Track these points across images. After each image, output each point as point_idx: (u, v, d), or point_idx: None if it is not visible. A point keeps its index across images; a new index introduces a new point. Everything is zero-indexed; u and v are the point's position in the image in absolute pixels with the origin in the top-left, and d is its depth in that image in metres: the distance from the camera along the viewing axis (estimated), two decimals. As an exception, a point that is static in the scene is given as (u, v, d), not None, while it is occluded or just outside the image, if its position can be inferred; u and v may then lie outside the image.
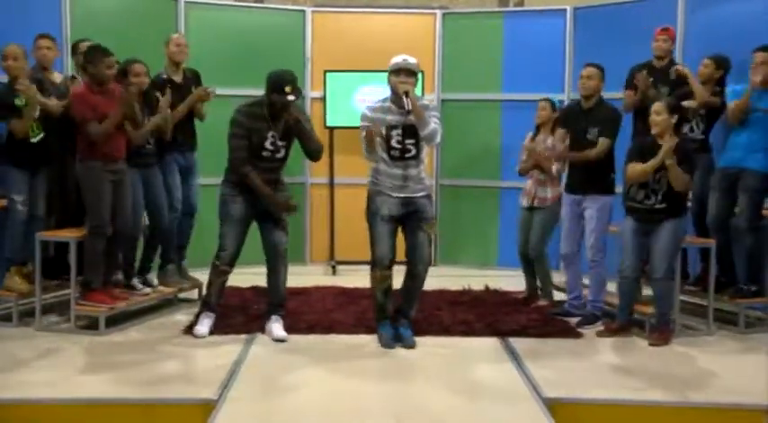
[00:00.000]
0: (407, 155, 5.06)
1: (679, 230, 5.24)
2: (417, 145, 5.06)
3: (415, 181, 5.10)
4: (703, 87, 5.86)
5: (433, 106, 5.26)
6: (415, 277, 5.17)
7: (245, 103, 5.26)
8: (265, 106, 5.16)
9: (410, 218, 5.11)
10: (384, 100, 5.14)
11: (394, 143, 5.04)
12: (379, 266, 5.08)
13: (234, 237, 5.28)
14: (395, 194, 5.08)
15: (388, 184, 5.08)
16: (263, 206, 5.27)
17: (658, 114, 5.20)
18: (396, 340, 5.11)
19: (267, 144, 5.19)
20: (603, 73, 5.74)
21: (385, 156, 5.08)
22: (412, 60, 5.04)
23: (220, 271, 5.33)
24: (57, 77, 5.93)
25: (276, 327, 5.28)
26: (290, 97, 5.05)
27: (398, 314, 5.24)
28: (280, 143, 5.22)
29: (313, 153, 5.35)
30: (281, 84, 5.06)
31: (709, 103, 5.82)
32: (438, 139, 5.08)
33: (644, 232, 5.28)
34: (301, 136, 5.25)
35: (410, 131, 5.03)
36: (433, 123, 4.99)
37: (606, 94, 5.92)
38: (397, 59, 5.05)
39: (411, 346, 5.08)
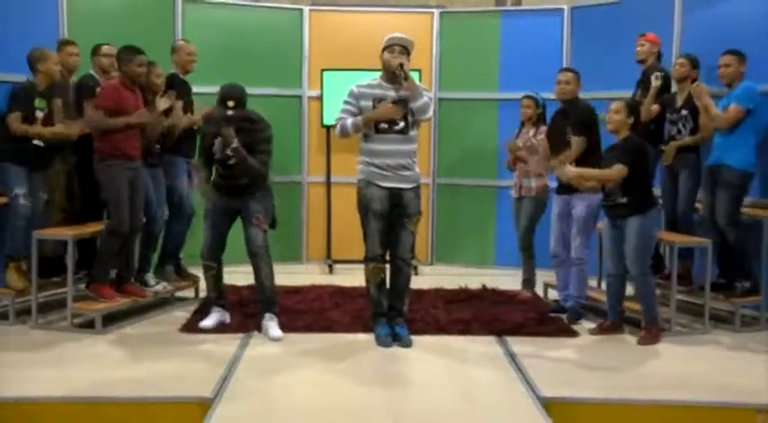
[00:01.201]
0: (396, 128, 5.04)
1: (647, 226, 5.23)
2: (406, 119, 5.06)
3: (404, 161, 5.06)
4: (680, 86, 6.02)
5: (424, 87, 5.20)
6: (398, 270, 5.19)
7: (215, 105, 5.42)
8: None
9: (395, 212, 5.12)
10: (374, 79, 5.18)
11: None
12: (373, 261, 5.13)
13: (208, 230, 5.37)
14: (384, 184, 5.06)
15: (377, 165, 5.04)
16: (238, 202, 5.31)
17: (616, 113, 5.28)
18: (393, 339, 5.12)
19: (214, 149, 5.26)
20: (579, 76, 5.83)
21: (372, 131, 5.05)
22: (406, 38, 5.10)
23: (204, 266, 5.43)
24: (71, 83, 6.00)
25: (271, 326, 5.28)
26: (229, 112, 5.13)
27: (392, 311, 5.24)
28: (227, 152, 5.20)
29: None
30: (224, 97, 5.18)
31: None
32: (430, 112, 5.12)
33: (616, 229, 5.33)
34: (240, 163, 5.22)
35: (399, 105, 5.03)
36: (426, 97, 5.04)
37: (602, 94, 5.95)
38: (391, 35, 5.10)
39: (408, 344, 5.09)
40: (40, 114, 5.61)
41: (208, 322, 5.40)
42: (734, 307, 5.67)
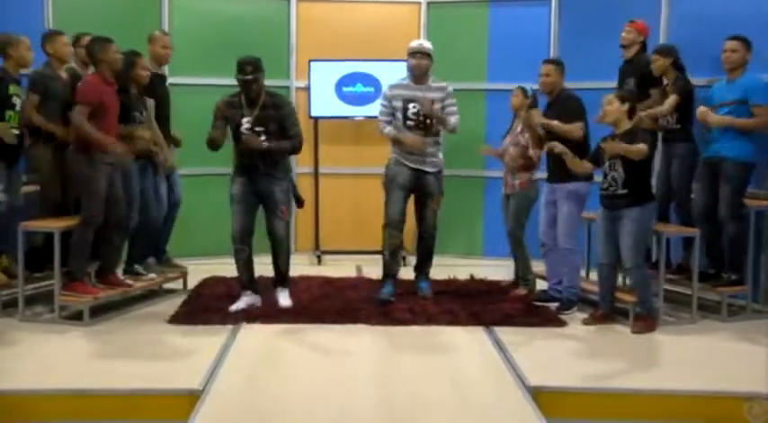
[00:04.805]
0: (421, 126, 5.75)
1: (644, 218, 5.27)
2: (425, 124, 5.77)
3: (429, 154, 5.82)
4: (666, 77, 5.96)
5: (449, 91, 5.90)
6: (423, 240, 6.01)
7: (228, 94, 5.51)
8: (241, 93, 5.41)
9: (419, 192, 5.88)
10: (404, 78, 5.93)
11: (410, 114, 5.78)
12: (390, 226, 5.79)
13: (235, 215, 5.52)
14: (410, 165, 5.80)
15: (405, 152, 5.79)
16: (261, 188, 5.45)
17: (610, 104, 5.29)
18: (391, 297, 5.74)
19: (243, 129, 5.35)
20: (562, 67, 5.84)
21: (400, 124, 5.81)
22: (427, 44, 5.90)
23: (234, 250, 5.57)
24: (63, 73, 5.86)
25: (282, 295, 5.65)
26: (248, 77, 5.28)
27: (417, 270, 6.06)
28: (257, 129, 5.35)
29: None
30: (240, 65, 5.33)
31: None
32: (458, 128, 5.92)
33: (611, 219, 5.34)
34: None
35: (421, 131, 5.81)
36: (453, 119, 5.82)
37: (590, 84, 5.95)
38: (414, 44, 5.89)
39: (427, 296, 5.83)
40: (17, 101, 5.48)
41: (238, 305, 5.53)
42: (720, 297, 5.70)
